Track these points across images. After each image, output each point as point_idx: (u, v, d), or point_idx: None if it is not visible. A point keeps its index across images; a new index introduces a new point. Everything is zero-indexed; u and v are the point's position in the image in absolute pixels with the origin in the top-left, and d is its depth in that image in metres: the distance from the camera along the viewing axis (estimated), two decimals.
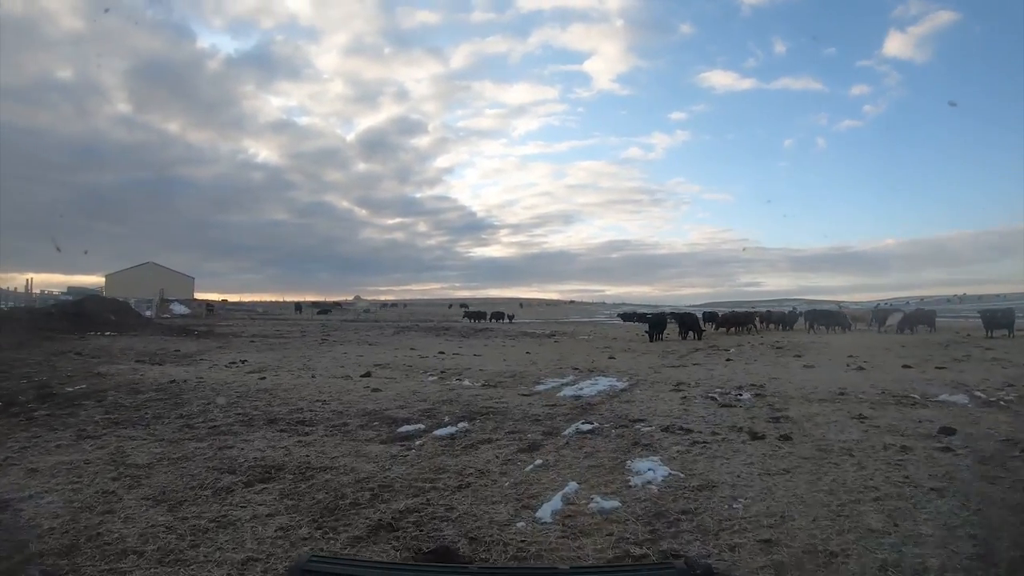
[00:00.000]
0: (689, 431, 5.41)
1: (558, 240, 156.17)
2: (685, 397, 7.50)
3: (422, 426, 5.62)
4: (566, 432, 5.41)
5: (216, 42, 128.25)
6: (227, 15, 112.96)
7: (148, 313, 36.52)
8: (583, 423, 5.72)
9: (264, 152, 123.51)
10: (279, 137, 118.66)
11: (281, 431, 5.44)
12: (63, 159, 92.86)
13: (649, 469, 4.09)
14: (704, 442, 4.98)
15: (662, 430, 5.46)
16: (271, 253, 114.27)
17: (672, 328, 23.11)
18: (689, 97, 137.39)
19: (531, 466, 4.27)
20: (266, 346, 16.38)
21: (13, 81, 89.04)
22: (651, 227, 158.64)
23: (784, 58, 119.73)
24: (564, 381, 9.18)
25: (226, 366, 10.96)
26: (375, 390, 7.95)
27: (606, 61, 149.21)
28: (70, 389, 7.54)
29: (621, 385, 8.70)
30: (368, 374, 9.87)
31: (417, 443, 5.01)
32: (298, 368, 10.85)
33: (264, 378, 9.19)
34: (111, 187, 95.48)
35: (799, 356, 13.80)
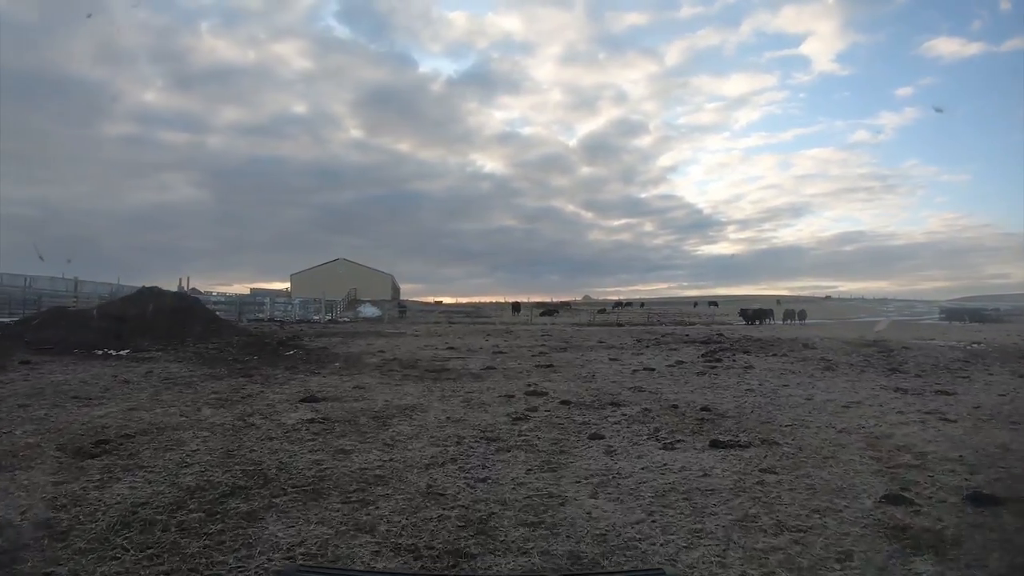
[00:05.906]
0: None
1: (787, 234, 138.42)
2: None
3: None
4: None
5: (437, 66, 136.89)
6: (444, 40, 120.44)
7: (316, 317, 30.31)
8: None
9: (491, 163, 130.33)
10: (504, 148, 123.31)
11: None
12: (304, 182, 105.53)
13: None
14: None
15: None
16: (501, 258, 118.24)
17: None
18: (914, 70, 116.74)
19: None
20: (334, 421, 5.10)
21: (257, 119, 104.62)
22: (886, 216, 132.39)
23: (1011, 15, 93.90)
24: None
25: None
26: None
27: (823, 41, 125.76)
28: None
29: None
30: None
31: None
32: None
33: None
34: (349, 204, 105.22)
35: None
